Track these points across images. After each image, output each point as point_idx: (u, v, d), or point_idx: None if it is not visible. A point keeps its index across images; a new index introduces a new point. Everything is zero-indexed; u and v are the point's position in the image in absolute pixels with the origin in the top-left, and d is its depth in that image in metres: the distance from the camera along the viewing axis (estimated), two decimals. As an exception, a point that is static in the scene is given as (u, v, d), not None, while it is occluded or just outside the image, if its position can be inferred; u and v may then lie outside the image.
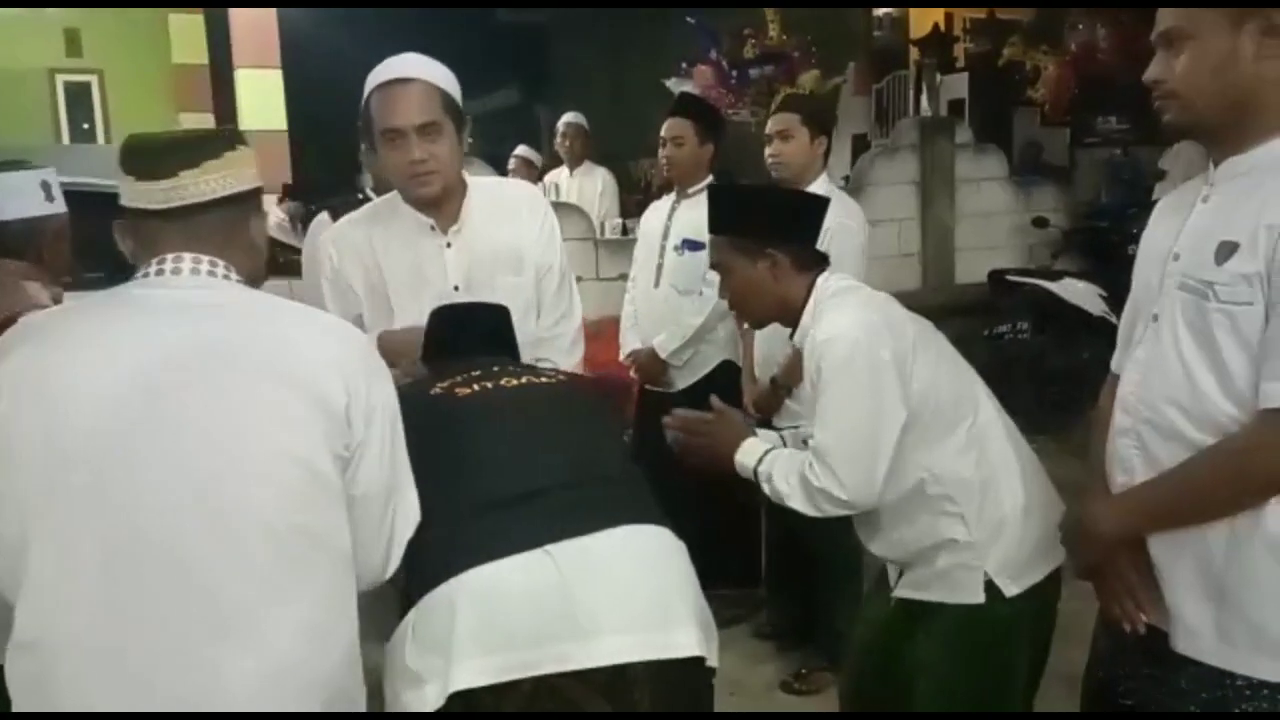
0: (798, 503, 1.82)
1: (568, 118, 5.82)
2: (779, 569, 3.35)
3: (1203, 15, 1.33)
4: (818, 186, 3.19)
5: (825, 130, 3.22)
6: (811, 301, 1.92)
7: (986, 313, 6.02)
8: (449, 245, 2.10)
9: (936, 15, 10.05)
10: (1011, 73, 8.80)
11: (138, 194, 1.27)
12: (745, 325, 2.88)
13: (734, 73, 7.68)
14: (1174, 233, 1.43)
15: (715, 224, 2.00)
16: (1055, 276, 5.83)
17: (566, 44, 12.64)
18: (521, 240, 2.17)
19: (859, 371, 1.77)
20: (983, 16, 9.89)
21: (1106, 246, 6.37)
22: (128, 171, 1.28)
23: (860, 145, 8.24)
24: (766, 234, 1.94)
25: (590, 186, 5.77)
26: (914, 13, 10.24)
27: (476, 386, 1.64)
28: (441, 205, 2.09)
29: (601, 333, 3.69)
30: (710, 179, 3.43)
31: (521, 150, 6.30)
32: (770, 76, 7.75)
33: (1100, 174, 7.70)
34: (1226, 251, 1.30)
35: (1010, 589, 1.78)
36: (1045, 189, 7.16)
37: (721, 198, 2.03)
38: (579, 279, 2.54)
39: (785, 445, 2.01)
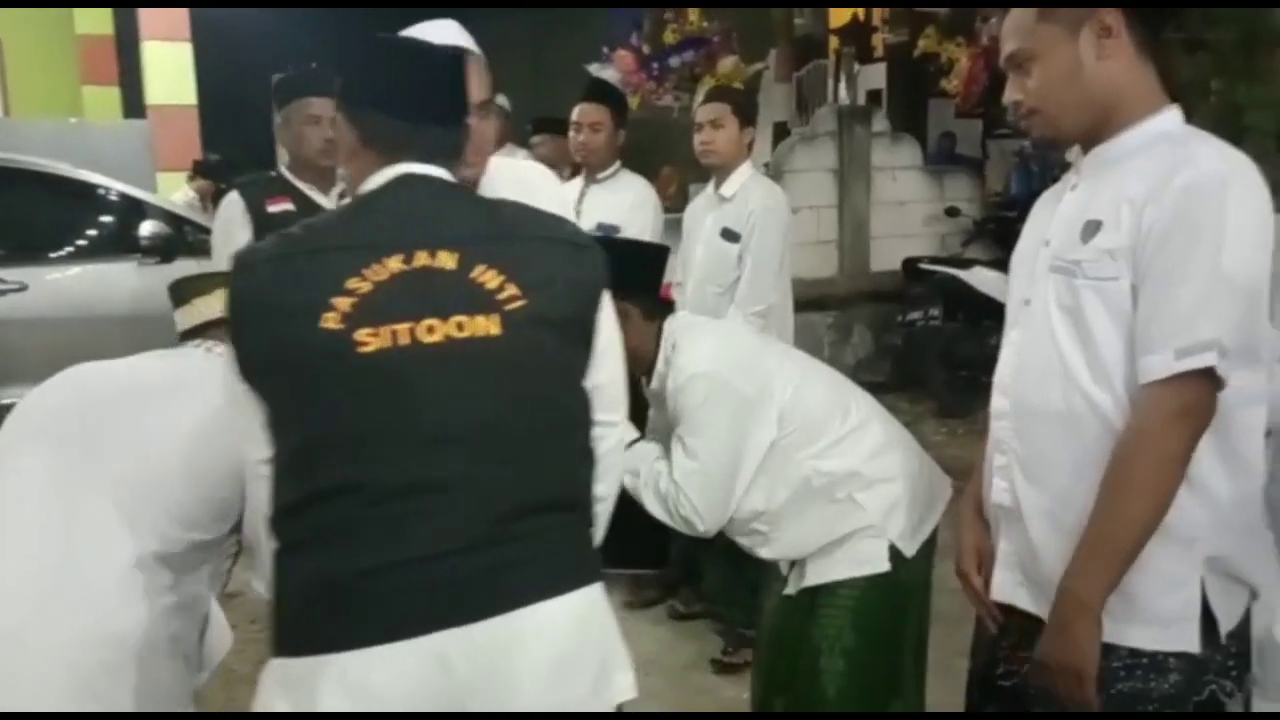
0: (656, 511, 1.91)
1: (496, 100, 5.76)
2: (691, 548, 3.39)
3: (1041, 33, 1.38)
4: (742, 173, 3.27)
5: (752, 120, 3.32)
6: (663, 346, 1.96)
7: (900, 300, 6.16)
8: None
9: (856, 6, 10.18)
10: (927, 64, 8.98)
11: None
12: None
13: (655, 59, 7.70)
14: (1046, 222, 1.49)
15: None
16: (966, 265, 6.00)
17: (487, 25, 12.48)
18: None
19: (716, 411, 1.85)
20: (900, 8, 10.05)
21: (1014, 236, 6.52)
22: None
23: (781, 132, 8.32)
24: (614, 287, 1.91)
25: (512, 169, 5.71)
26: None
27: (399, 329, 1.19)
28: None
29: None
30: (619, 164, 3.47)
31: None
32: (691, 62, 7.79)
33: (1009, 165, 7.92)
34: (1091, 229, 1.35)
35: (910, 549, 1.89)
36: (958, 179, 7.34)
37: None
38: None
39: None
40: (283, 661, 1.19)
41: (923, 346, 5.98)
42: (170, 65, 8.37)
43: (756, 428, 1.87)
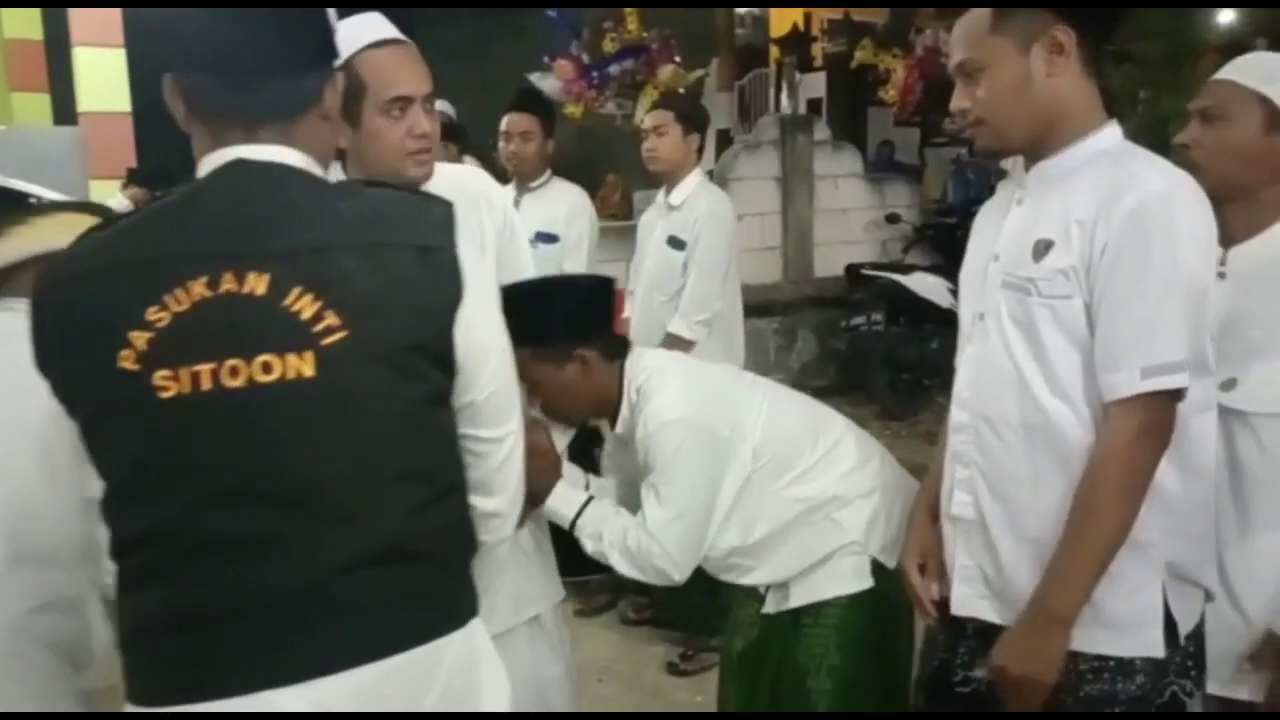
0: (624, 569, 1.84)
1: (436, 106, 5.72)
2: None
3: (992, 44, 1.39)
4: (690, 181, 3.30)
5: (698, 127, 3.34)
6: (627, 388, 1.87)
7: (844, 305, 6.25)
8: None
9: (796, 15, 10.31)
10: (864, 74, 9.13)
11: None
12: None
13: (595, 68, 7.72)
14: (993, 236, 1.50)
15: (511, 338, 1.78)
16: (907, 270, 6.11)
17: (429, 31, 12.41)
18: (481, 225, 1.87)
19: (692, 457, 1.79)
20: (839, 18, 10.21)
21: (953, 241, 6.70)
22: None
23: (724, 140, 8.40)
24: (569, 336, 1.82)
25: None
26: (774, 12, 10.48)
27: (201, 370, 1.05)
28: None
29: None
30: (550, 172, 3.48)
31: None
32: (632, 70, 7.82)
33: (947, 172, 8.08)
34: (1043, 248, 1.36)
35: (892, 561, 1.86)
36: (898, 186, 7.48)
37: (505, 312, 1.80)
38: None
39: (591, 491, 1.96)
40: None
41: (866, 351, 6.07)
42: (102, 71, 8.18)
43: (731, 467, 1.83)
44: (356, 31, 1.64)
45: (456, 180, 1.85)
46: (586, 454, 1.95)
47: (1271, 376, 1.54)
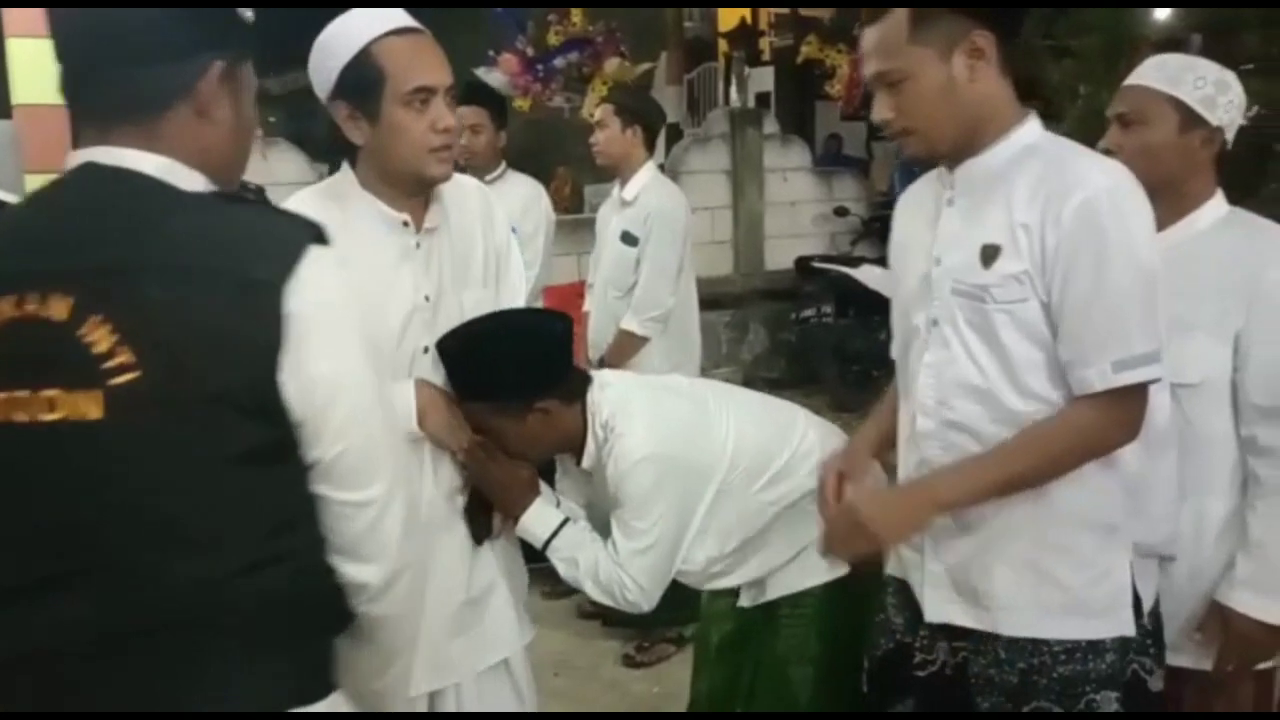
0: (597, 596, 1.82)
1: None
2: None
3: (912, 54, 1.37)
4: (643, 176, 3.28)
5: (640, 119, 3.30)
6: (591, 423, 1.81)
7: (794, 297, 6.31)
8: (418, 246, 1.65)
9: (744, 9, 10.35)
10: (811, 69, 9.21)
11: None
12: None
13: (539, 61, 7.69)
14: (926, 235, 1.48)
15: (467, 392, 1.69)
16: (855, 263, 6.18)
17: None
18: (487, 244, 1.76)
19: (666, 491, 1.76)
20: (786, 13, 10.27)
21: (901, 234, 6.79)
22: None
23: (674, 134, 8.42)
24: (529, 391, 1.74)
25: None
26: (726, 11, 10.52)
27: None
28: (421, 195, 1.67)
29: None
30: (504, 165, 3.46)
31: None
32: (577, 63, 7.81)
33: (893, 165, 8.19)
34: (991, 254, 1.36)
35: None
36: (846, 179, 7.56)
37: (460, 366, 1.68)
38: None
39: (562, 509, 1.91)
40: None
41: (816, 343, 6.13)
42: (37, 62, 7.96)
43: (705, 492, 1.82)
44: (372, 19, 1.57)
45: (464, 190, 1.75)
46: (545, 474, 1.93)
47: (1193, 349, 1.60)
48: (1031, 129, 1.43)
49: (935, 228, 1.47)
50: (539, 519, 1.80)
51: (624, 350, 3.22)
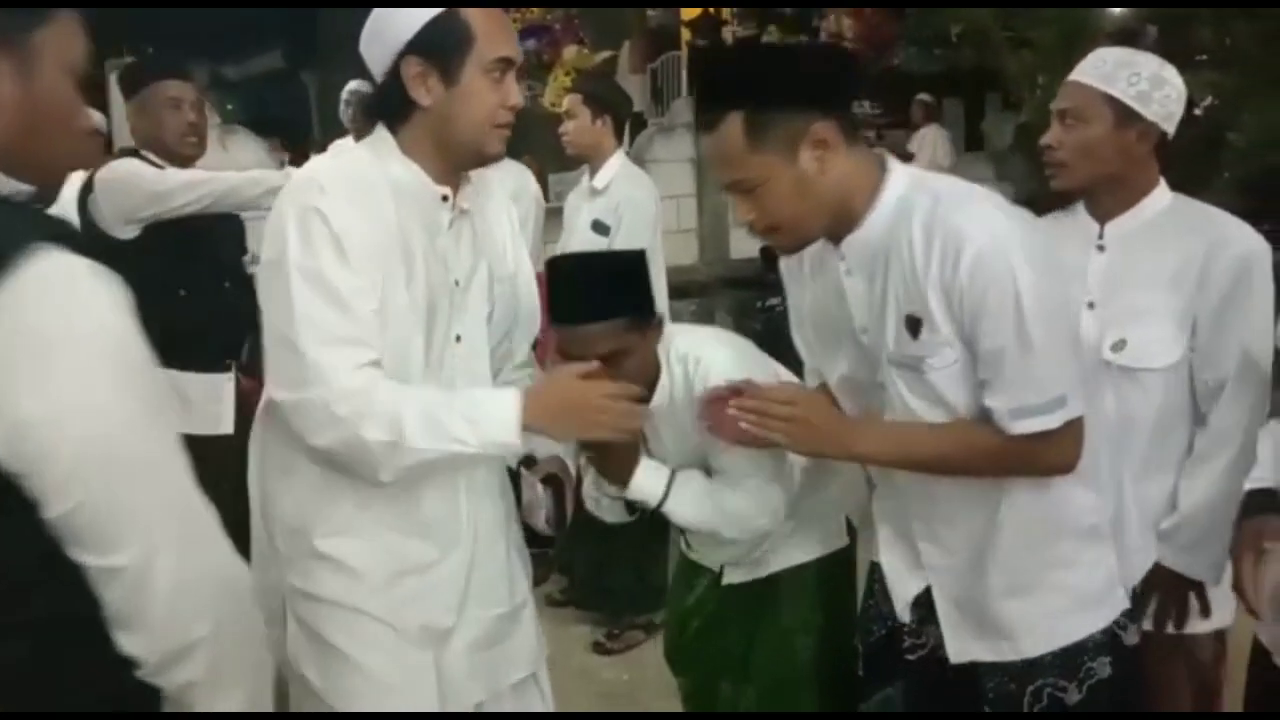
0: (728, 531, 1.78)
1: (352, 86, 5.53)
2: (571, 530, 3.40)
3: (757, 162, 1.35)
4: (613, 164, 3.26)
5: (609, 109, 3.28)
6: (668, 360, 1.76)
7: (759, 286, 6.34)
8: (450, 225, 1.56)
9: (707, -1, 10.38)
10: (775, 58, 9.24)
11: None
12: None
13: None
14: (836, 302, 1.47)
15: (605, 309, 1.63)
16: (819, 251, 6.22)
17: (341, 12, 12.11)
18: (507, 229, 1.70)
19: None
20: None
21: (863, 223, 6.85)
22: None
23: (638, 123, 8.42)
24: (652, 306, 1.72)
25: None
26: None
27: None
28: (467, 171, 1.59)
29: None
30: None
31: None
32: (536, 50, 7.78)
33: (856, 155, 8.24)
34: (915, 325, 1.37)
35: (856, 520, 1.88)
36: (809, 168, 7.60)
37: (606, 280, 1.66)
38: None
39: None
40: None
41: (781, 331, 6.13)
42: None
43: None
44: None
45: (484, 171, 1.66)
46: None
47: (1156, 335, 1.67)
48: (895, 184, 1.40)
49: (844, 298, 1.46)
50: (653, 473, 1.77)
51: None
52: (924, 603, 1.55)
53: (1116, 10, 5.17)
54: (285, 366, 1.41)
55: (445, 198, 1.52)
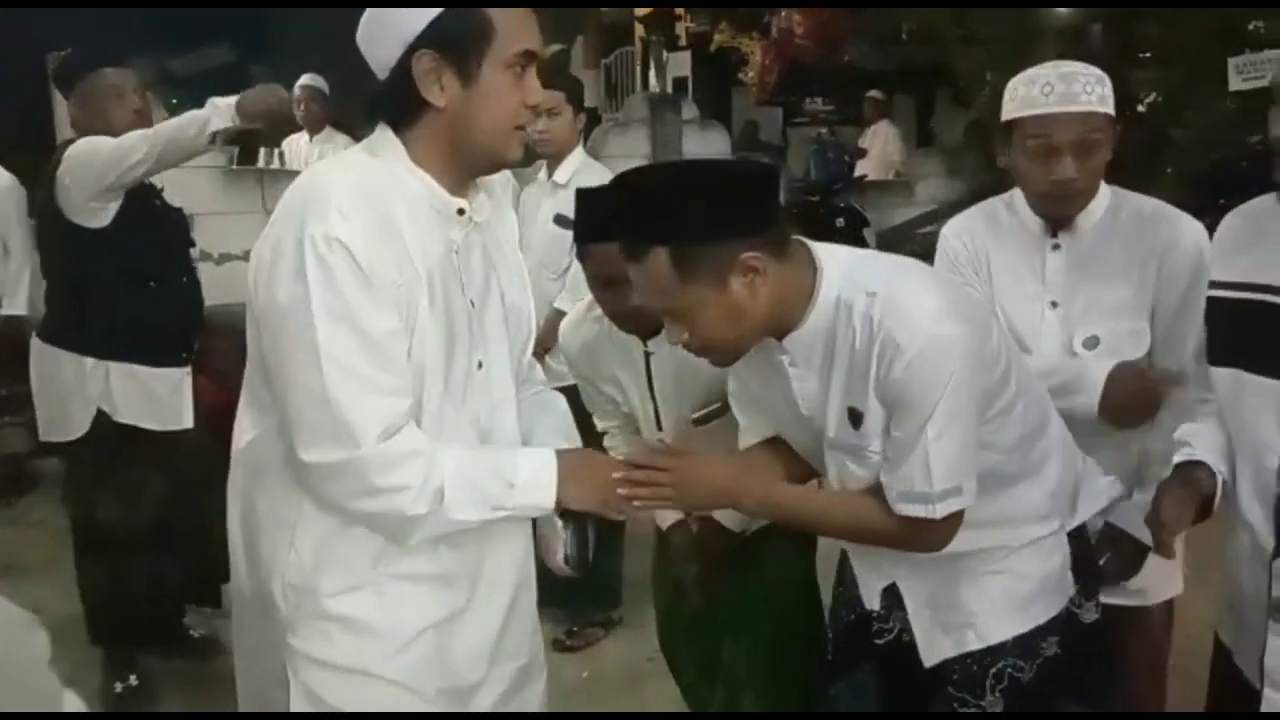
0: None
1: (305, 80, 5.47)
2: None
3: (688, 294, 1.33)
4: (575, 159, 3.26)
5: (584, 106, 3.32)
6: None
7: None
8: (463, 240, 1.41)
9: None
10: (727, 55, 9.28)
11: None
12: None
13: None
14: (779, 389, 1.49)
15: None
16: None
17: (294, 11, 11.91)
18: (514, 238, 1.56)
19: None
20: (702, -3, 10.35)
21: (816, 219, 6.91)
22: None
23: (592, 119, 8.40)
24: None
25: (331, 154, 5.46)
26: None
27: None
28: (482, 178, 1.45)
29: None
30: None
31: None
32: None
33: (808, 151, 8.30)
34: (857, 418, 1.40)
35: None
36: (763, 165, 7.62)
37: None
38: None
39: None
40: None
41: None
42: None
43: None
44: None
45: (499, 192, 1.52)
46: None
47: (1127, 329, 1.75)
48: (830, 284, 1.39)
49: (788, 386, 1.47)
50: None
51: (556, 330, 3.22)
52: (892, 591, 1.59)
53: (1063, 9, 5.25)
54: (315, 424, 1.25)
55: (461, 211, 1.37)
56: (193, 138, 2.52)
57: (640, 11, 10.32)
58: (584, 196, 1.79)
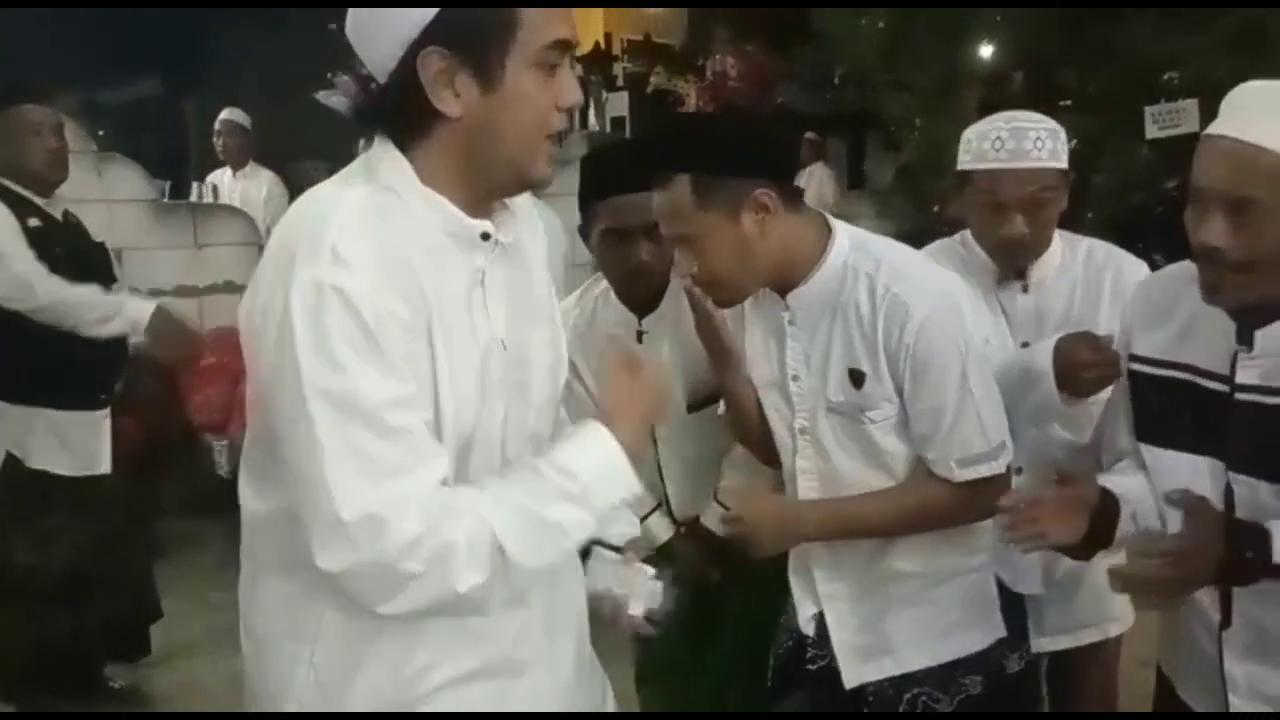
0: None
1: (226, 114, 5.42)
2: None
3: (701, 219, 1.46)
4: (524, 197, 3.21)
5: None
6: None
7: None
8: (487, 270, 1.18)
9: (598, 33, 10.49)
10: (664, 95, 9.39)
11: None
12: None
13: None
14: (773, 351, 1.58)
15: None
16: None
17: (217, 33, 11.79)
18: (544, 261, 1.33)
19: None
20: (640, 38, 10.47)
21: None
22: None
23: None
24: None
25: (255, 190, 5.40)
26: (580, 29, 10.62)
27: None
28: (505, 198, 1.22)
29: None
30: None
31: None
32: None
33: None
34: (859, 378, 1.48)
35: None
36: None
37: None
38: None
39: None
40: None
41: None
42: None
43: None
44: None
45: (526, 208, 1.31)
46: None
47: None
48: (840, 246, 1.50)
49: (782, 343, 1.56)
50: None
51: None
52: (823, 618, 1.62)
53: (986, 55, 5.43)
54: (323, 523, 1.02)
55: (486, 235, 1.14)
56: (89, 322, 2.54)
57: (580, 52, 10.42)
58: (593, 156, 1.98)
